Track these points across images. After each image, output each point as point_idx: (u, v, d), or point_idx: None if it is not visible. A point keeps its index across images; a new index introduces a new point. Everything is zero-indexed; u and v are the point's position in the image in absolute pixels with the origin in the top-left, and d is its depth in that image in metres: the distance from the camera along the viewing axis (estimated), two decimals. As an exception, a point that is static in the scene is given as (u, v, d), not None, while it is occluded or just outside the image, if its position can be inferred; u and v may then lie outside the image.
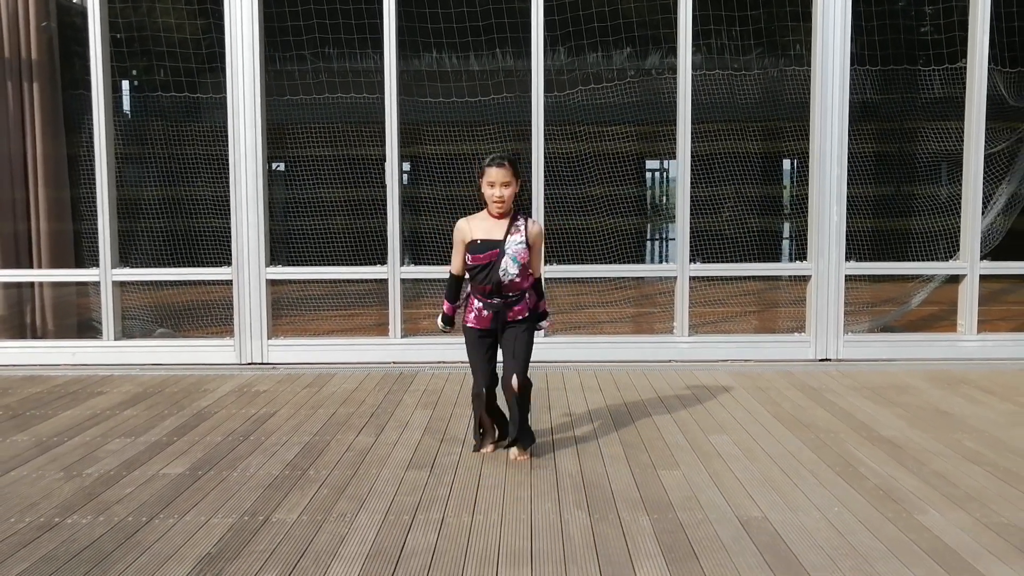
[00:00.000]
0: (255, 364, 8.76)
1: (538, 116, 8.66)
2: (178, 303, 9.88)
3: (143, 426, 6.56)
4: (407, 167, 13.54)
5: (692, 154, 8.70)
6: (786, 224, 13.97)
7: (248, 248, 8.68)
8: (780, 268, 10.61)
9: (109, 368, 8.62)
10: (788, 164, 15.24)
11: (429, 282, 9.14)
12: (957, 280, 8.93)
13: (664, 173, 19.19)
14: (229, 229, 8.73)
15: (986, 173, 8.80)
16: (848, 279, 8.77)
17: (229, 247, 8.75)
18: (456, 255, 5.72)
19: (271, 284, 8.81)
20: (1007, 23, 8.93)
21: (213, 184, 9.31)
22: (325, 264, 9.79)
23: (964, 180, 8.81)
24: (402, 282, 8.77)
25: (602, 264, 10.18)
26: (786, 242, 14.01)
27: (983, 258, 8.81)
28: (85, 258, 9.19)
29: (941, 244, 9.12)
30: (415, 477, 5.43)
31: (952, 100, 9.12)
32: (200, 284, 9.26)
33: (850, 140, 8.63)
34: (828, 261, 8.70)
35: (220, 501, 5.00)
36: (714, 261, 9.32)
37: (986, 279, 8.88)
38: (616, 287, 10.79)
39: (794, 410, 6.96)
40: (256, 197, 8.63)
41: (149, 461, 5.74)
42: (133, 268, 8.98)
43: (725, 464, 5.64)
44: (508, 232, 5.58)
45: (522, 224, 5.64)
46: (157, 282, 9.23)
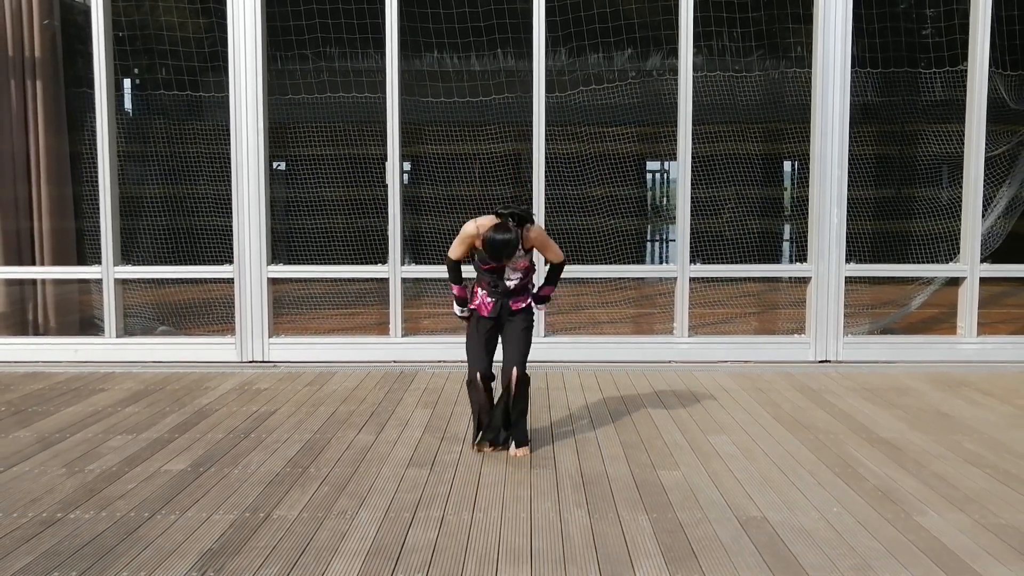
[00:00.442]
0: (256, 362, 8.78)
1: (539, 116, 8.68)
2: (180, 301, 9.89)
3: (145, 423, 6.58)
4: (408, 167, 13.53)
5: (693, 155, 8.72)
6: (786, 226, 13.95)
7: (250, 246, 8.70)
8: (780, 269, 10.63)
9: (111, 365, 8.64)
10: (789, 166, 15.22)
11: (430, 282, 9.17)
12: (957, 283, 8.95)
13: (665, 174, 19.17)
14: (231, 227, 8.75)
15: (986, 176, 8.81)
16: (848, 281, 8.78)
17: (231, 245, 8.77)
18: (459, 247, 5.78)
19: (272, 282, 8.83)
20: (1008, 26, 8.94)
21: (215, 182, 9.32)
22: (326, 263, 9.79)
23: (964, 183, 8.83)
24: (403, 281, 8.78)
25: (602, 265, 10.18)
26: (786, 244, 13.99)
27: (983, 261, 8.82)
28: (87, 255, 9.20)
29: (941, 246, 9.13)
30: (415, 475, 5.45)
31: (953, 103, 9.13)
32: (202, 282, 9.28)
33: (851, 142, 8.64)
34: (828, 263, 8.71)
35: (221, 497, 5.02)
36: (714, 262, 9.33)
37: (986, 282, 8.89)
38: (616, 288, 10.79)
39: (794, 411, 6.97)
40: (258, 196, 8.65)
41: (151, 457, 5.76)
42: (135, 266, 8.99)
43: (724, 464, 5.66)
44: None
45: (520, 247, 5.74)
46: (159, 280, 9.26)
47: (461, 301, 5.93)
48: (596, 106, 10.68)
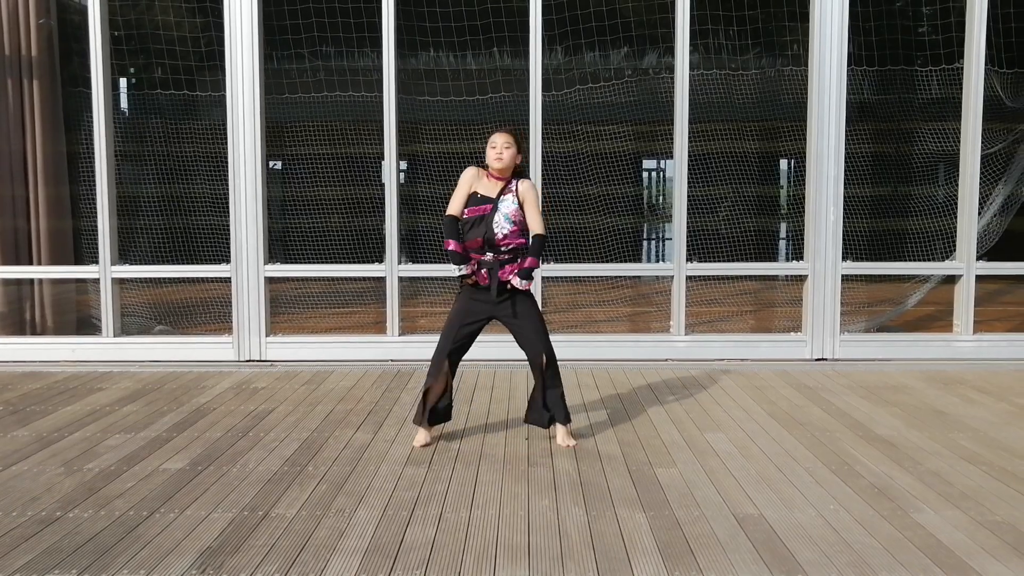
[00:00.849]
0: (254, 361, 8.79)
1: (536, 115, 8.69)
2: (177, 300, 9.90)
3: (143, 422, 6.59)
4: (405, 166, 13.55)
5: (689, 154, 8.72)
6: (783, 224, 13.99)
7: (247, 246, 8.70)
8: (777, 268, 10.67)
9: (108, 364, 8.64)
10: (785, 164, 15.26)
11: (427, 280, 9.19)
12: (953, 280, 8.97)
13: (661, 172, 19.23)
14: (228, 227, 8.75)
15: (983, 174, 8.83)
16: (845, 279, 8.80)
17: (228, 244, 8.77)
18: (458, 196, 5.88)
19: (269, 282, 8.84)
20: (1004, 24, 8.96)
21: (211, 182, 9.33)
22: (323, 262, 9.81)
23: (961, 181, 8.85)
24: (400, 280, 8.79)
25: (599, 263, 10.21)
26: (783, 242, 14.03)
27: (979, 258, 8.84)
28: (85, 255, 9.20)
29: (938, 244, 9.15)
30: (413, 473, 5.46)
31: (949, 101, 9.15)
32: (199, 281, 9.28)
33: (847, 140, 8.66)
34: (825, 261, 8.73)
35: (220, 496, 5.03)
36: (711, 261, 9.35)
37: (982, 279, 8.91)
38: (613, 286, 10.82)
39: (790, 409, 6.99)
40: (255, 195, 8.65)
41: (149, 456, 5.76)
42: (132, 265, 9.00)
43: (721, 462, 5.67)
44: (502, 192, 5.86)
45: (514, 185, 5.90)
46: (156, 279, 9.27)
47: (461, 258, 5.84)
48: (592, 104, 10.71)
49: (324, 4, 9.75)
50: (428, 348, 6.09)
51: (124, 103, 11.84)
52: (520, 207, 5.85)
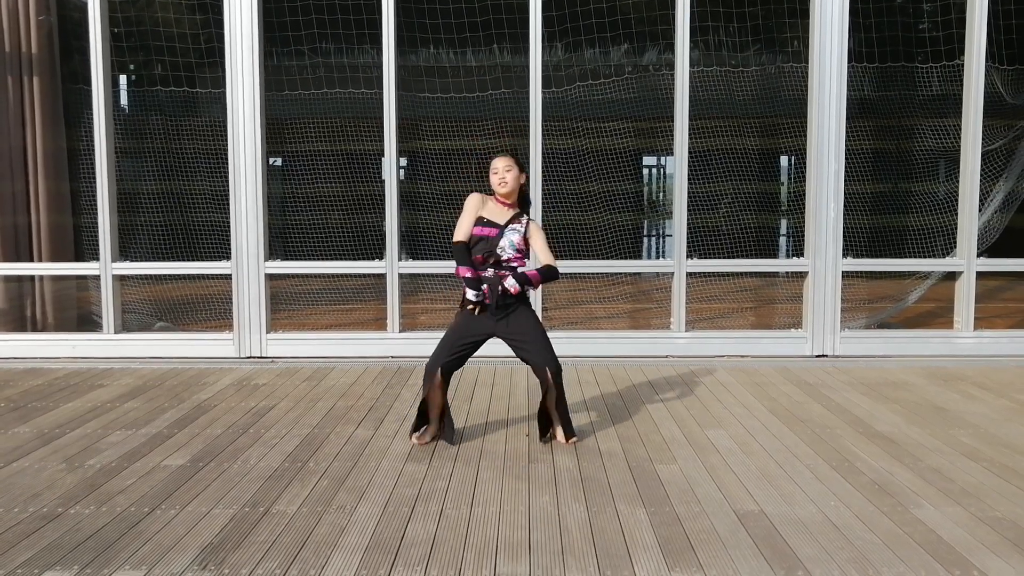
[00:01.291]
0: (254, 358, 8.79)
1: (536, 112, 8.68)
2: (178, 297, 9.90)
3: (144, 418, 6.59)
4: (405, 162, 13.54)
5: (689, 150, 8.73)
6: (783, 220, 13.98)
7: (247, 242, 8.71)
8: (777, 264, 10.65)
9: (109, 361, 8.65)
10: (785, 161, 15.24)
11: (427, 277, 9.18)
12: (954, 277, 8.97)
13: (661, 169, 19.19)
14: (228, 223, 8.75)
15: (983, 170, 8.83)
16: (845, 275, 8.80)
17: (228, 241, 8.77)
18: (465, 221, 5.81)
19: (270, 278, 8.84)
20: (1005, 20, 8.95)
21: (212, 178, 9.32)
22: (323, 259, 9.80)
23: (961, 177, 8.85)
24: (400, 277, 8.79)
25: (599, 260, 10.20)
26: (783, 238, 14.02)
27: (980, 255, 8.85)
28: (85, 252, 9.20)
29: (938, 241, 9.15)
30: (414, 469, 5.47)
31: (950, 97, 9.15)
32: (199, 278, 9.28)
33: (847, 137, 8.66)
34: (825, 257, 8.73)
35: (221, 492, 5.04)
36: (711, 257, 9.34)
37: (983, 276, 8.91)
38: (613, 283, 10.82)
39: (790, 405, 6.99)
40: (255, 192, 8.65)
41: (150, 453, 5.77)
42: (133, 262, 9.00)
43: (722, 458, 5.68)
44: (511, 221, 5.83)
45: (524, 221, 5.88)
46: (157, 276, 9.28)
47: (475, 283, 5.74)
48: (593, 101, 10.70)
49: (324, 1, 9.74)
50: (429, 345, 6.09)
51: (124, 100, 11.82)
52: (525, 240, 5.85)
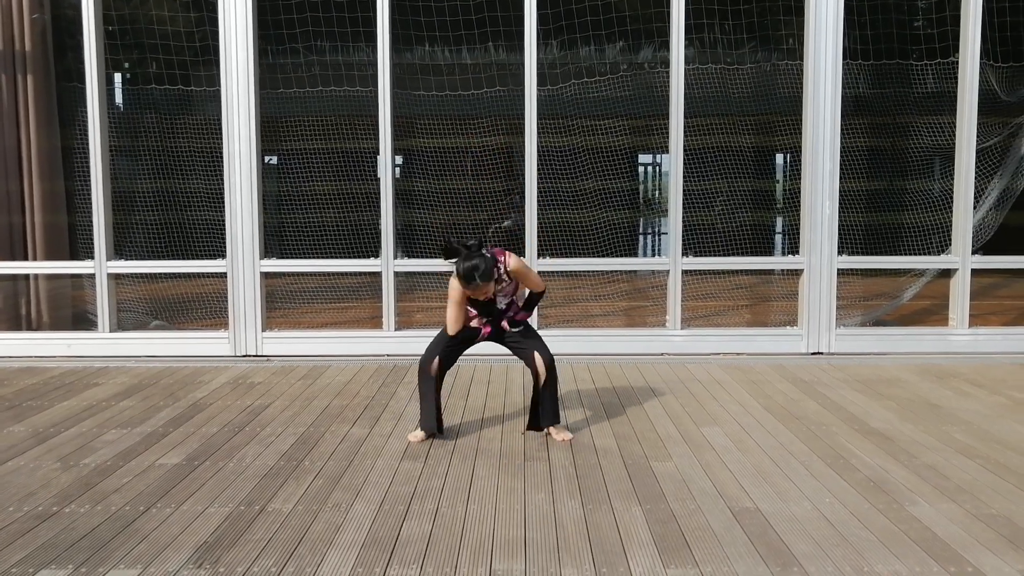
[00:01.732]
0: (250, 356, 8.79)
1: (531, 110, 8.68)
2: (173, 296, 9.89)
3: (139, 417, 6.59)
4: (400, 160, 13.54)
5: (685, 148, 8.73)
6: (779, 218, 13.99)
7: (242, 241, 8.70)
8: (772, 262, 10.63)
9: (104, 360, 8.64)
10: (781, 158, 15.25)
11: (422, 275, 9.17)
12: (949, 274, 8.98)
13: (657, 167, 19.20)
14: (223, 222, 8.74)
15: (978, 168, 8.84)
16: (840, 273, 8.81)
17: (223, 240, 8.76)
18: (456, 313, 5.82)
19: (265, 277, 8.83)
20: (999, 18, 8.96)
21: (207, 177, 9.32)
22: (319, 257, 9.79)
23: (956, 175, 8.86)
24: (395, 275, 8.79)
25: (595, 258, 10.20)
26: (779, 236, 14.02)
27: (975, 252, 8.86)
28: (80, 250, 9.19)
29: (933, 238, 9.15)
30: (410, 468, 5.47)
31: (944, 95, 9.15)
32: (195, 277, 9.26)
33: (842, 134, 8.66)
34: (820, 255, 8.74)
35: (216, 491, 5.03)
36: (706, 255, 9.34)
37: (977, 273, 8.92)
38: (609, 280, 10.82)
39: (786, 403, 7.00)
40: (250, 190, 8.65)
41: (145, 451, 5.76)
42: (128, 260, 8.99)
43: (717, 455, 5.69)
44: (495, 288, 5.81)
45: (502, 269, 5.77)
46: (152, 274, 9.26)
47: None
48: (588, 99, 10.69)
49: (319, -2, 9.74)
50: (424, 343, 6.09)
51: (118, 98, 11.81)
52: (511, 281, 5.86)
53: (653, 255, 16.15)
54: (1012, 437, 6.05)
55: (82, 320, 9.31)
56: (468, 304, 5.85)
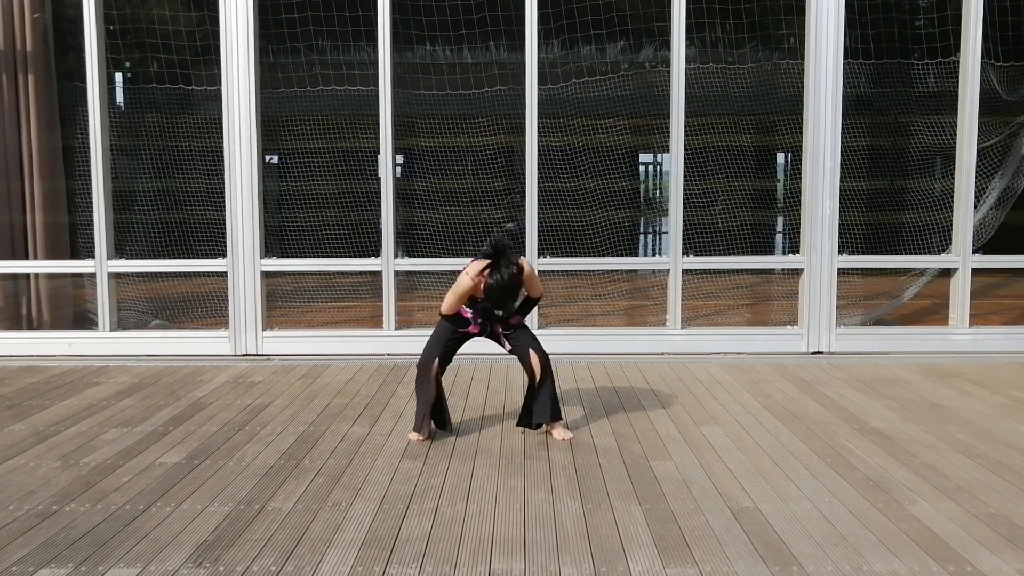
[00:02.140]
0: (250, 355, 8.79)
1: (532, 109, 8.68)
2: (173, 295, 9.89)
3: (139, 416, 6.59)
4: (401, 159, 13.54)
5: (685, 147, 8.74)
6: (779, 217, 13.98)
7: (243, 240, 8.70)
8: (773, 261, 10.63)
9: (105, 359, 8.65)
10: (781, 158, 15.25)
11: (423, 274, 9.17)
12: (949, 274, 8.98)
13: (658, 166, 19.20)
14: (224, 221, 8.75)
15: (979, 167, 8.84)
16: (841, 272, 8.81)
17: (224, 239, 8.77)
18: (455, 301, 5.83)
19: (266, 276, 8.84)
20: (1000, 17, 8.96)
21: (208, 176, 9.32)
22: (319, 256, 9.80)
23: (957, 174, 8.86)
24: (396, 274, 8.79)
25: (596, 257, 10.20)
26: (779, 235, 14.02)
27: (975, 252, 8.86)
28: (81, 249, 9.20)
29: (934, 238, 9.15)
30: (409, 467, 5.47)
31: (945, 94, 9.15)
32: (195, 276, 9.27)
33: (843, 134, 8.66)
34: (821, 254, 8.74)
35: (216, 489, 5.04)
36: (707, 254, 9.34)
37: (978, 273, 8.92)
38: (609, 280, 10.82)
39: (786, 402, 7.00)
40: (251, 189, 8.65)
41: (145, 450, 5.77)
42: (128, 260, 9.00)
43: (717, 455, 5.69)
44: None
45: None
46: (152, 273, 9.27)
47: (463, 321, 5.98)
48: (589, 98, 10.69)
49: (320, -2, 9.74)
50: (424, 343, 6.09)
51: (119, 97, 11.81)
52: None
53: (654, 254, 16.14)
54: (1012, 436, 6.05)
55: (83, 319, 9.31)
56: (466, 302, 5.85)
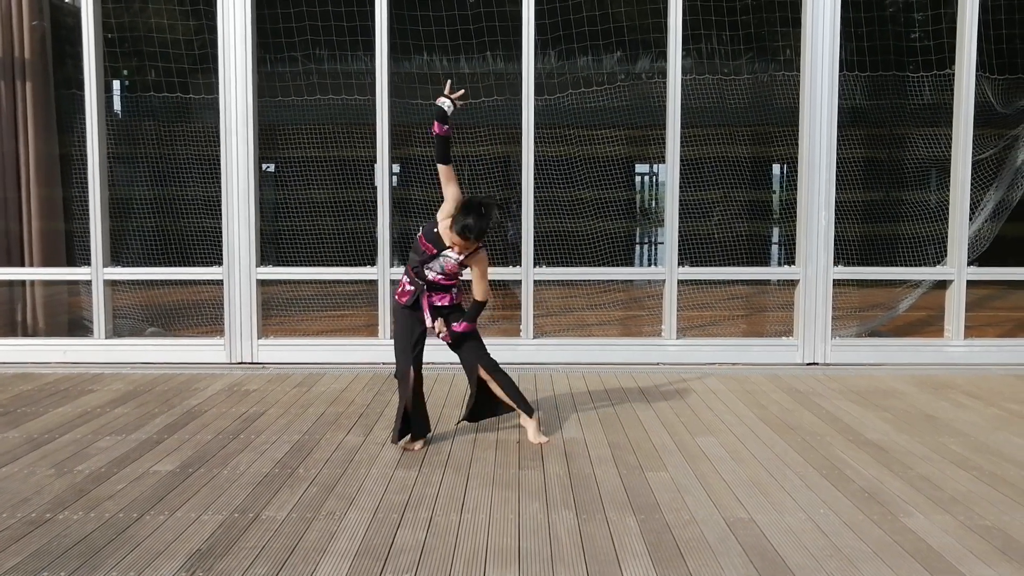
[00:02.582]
0: (245, 364, 8.78)
1: (529, 119, 8.70)
2: (169, 302, 9.89)
3: (133, 424, 6.58)
4: (397, 169, 13.54)
5: (681, 158, 8.75)
6: (775, 229, 14.01)
7: (239, 248, 8.71)
8: (769, 272, 10.65)
9: (100, 366, 8.63)
10: (777, 169, 15.27)
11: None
12: (944, 285, 9.00)
13: (654, 177, 19.22)
14: (220, 229, 8.75)
15: (974, 179, 8.86)
16: (836, 284, 8.82)
17: (220, 247, 8.77)
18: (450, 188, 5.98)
19: (261, 284, 8.84)
20: (995, 30, 8.99)
21: (204, 184, 9.32)
22: (315, 265, 9.80)
23: (952, 186, 8.89)
24: (392, 283, 8.79)
25: (591, 267, 10.20)
26: (775, 246, 14.04)
27: (970, 264, 8.88)
28: (77, 257, 9.20)
29: (929, 250, 9.17)
30: (404, 476, 5.46)
31: (940, 106, 9.18)
32: (191, 284, 9.27)
33: (839, 145, 8.68)
34: (816, 265, 8.75)
35: (210, 498, 5.03)
36: (703, 265, 9.35)
37: (973, 285, 8.94)
38: (605, 290, 10.82)
39: (781, 413, 7.00)
40: (247, 197, 8.66)
41: (140, 458, 5.76)
42: (124, 267, 8.99)
43: (712, 466, 5.68)
44: (450, 247, 5.81)
45: (462, 255, 5.84)
46: (148, 281, 9.25)
47: (442, 142, 6.39)
48: (585, 109, 10.70)
49: (317, 7, 9.74)
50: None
51: (117, 105, 11.83)
52: (459, 265, 5.88)
53: (649, 265, 16.16)
54: (1007, 449, 6.06)
55: (78, 326, 9.31)
56: (424, 238, 5.87)
